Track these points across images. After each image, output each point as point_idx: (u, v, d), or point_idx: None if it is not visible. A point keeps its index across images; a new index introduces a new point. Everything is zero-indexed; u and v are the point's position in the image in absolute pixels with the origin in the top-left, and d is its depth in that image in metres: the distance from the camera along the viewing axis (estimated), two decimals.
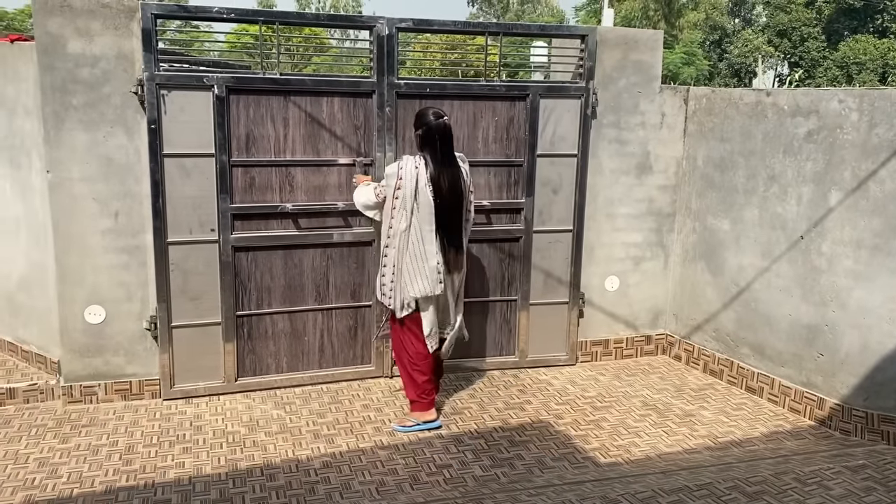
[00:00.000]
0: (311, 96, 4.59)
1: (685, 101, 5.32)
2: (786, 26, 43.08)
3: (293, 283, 4.79)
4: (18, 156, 4.62)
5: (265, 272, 4.71)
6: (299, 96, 4.57)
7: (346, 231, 4.79)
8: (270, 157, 4.58)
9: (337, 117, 4.66)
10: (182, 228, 4.48)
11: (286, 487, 3.65)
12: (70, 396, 4.54)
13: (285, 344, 4.86)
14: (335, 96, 4.63)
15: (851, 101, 4.22)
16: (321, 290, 4.85)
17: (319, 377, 4.93)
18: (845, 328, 4.32)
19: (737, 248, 4.98)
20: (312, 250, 4.78)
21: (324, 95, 4.61)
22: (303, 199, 4.69)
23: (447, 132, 4.05)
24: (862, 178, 4.17)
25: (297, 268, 4.77)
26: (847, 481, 3.60)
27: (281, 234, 4.69)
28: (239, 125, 4.48)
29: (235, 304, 4.67)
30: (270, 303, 4.76)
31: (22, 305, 4.90)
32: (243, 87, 4.44)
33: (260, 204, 4.61)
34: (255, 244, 4.64)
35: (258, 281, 4.71)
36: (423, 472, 3.82)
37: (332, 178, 4.72)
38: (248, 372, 4.81)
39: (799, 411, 4.61)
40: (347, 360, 5.01)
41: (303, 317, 4.85)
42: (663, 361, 5.57)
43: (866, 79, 37.39)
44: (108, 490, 3.61)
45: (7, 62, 4.57)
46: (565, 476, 3.79)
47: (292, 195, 4.66)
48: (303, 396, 4.76)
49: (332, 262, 4.82)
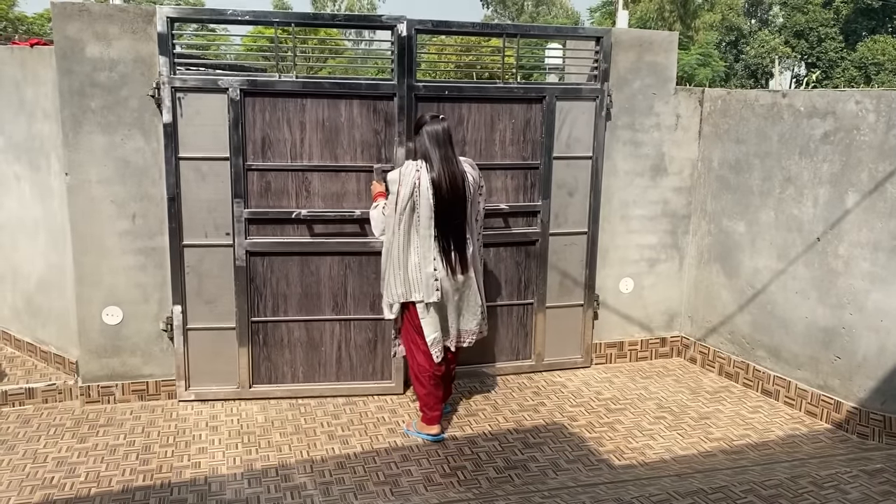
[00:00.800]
0: (329, 99, 4.52)
1: (700, 102, 5.30)
2: (803, 27, 42.80)
3: (310, 291, 4.71)
4: (37, 158, 4.68)
5: (281, 279, 4.65)
6: (316, 99, 4.51)
7: (364, 240, 4.68)
8: (286, 162, 4.54)
9: (356, 121, 4.56)
10: (198, 231, 4.50)
11: (301, 488, 3.67)
12: (88, 396, 4.59)
13: (301, 353, 4.78)
14: (354, 99, 4.54)
15: (868, 103, 4.19)
16: (339, 299, 4.76)
17: (337, 390, 4.83)
18: (862, 331, 4.28)
19: (752, 251, 4.95)
20: (329, 258, 4.69)
21: (342, 98, 4.52)
22: (319, 205, 4.62)
23: (445, 134, 3.94)
24: (879, 179, 4.14)
25: (313, 276, 4.69)
26: (864, 485, 3.57)
27: (297, 241, 4.63)
28: (255, 129, 4.46)
29: (250, 310, 4.64)
30: (286, 310, 4.70)
31: (41, 306, 4.95)
32: (259, 90, 4.42)
33: (276, 209, 4.57)
34: (270, 250, 4.60)
35: (274, 287, 4.66)
36: (437, 474, 3.82)
37: (351, 185, 4.63)
38: (264, 379, 4.77)
39: (815, 414, 4.57)
40: (367, 374, 4.88)
41: (320, 326, 4.77)
42: (678, 364, 5.54)
43: (885, 79, 37.05)
44: (125, 489, 3.65)
45: (27, 66, 4.63)
46: (579, 478, 3.79)
47: (309, 201, 4.60)
48: (317, 398, 4.78)
49: (350, 272, 4.72)
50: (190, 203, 4.46)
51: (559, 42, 4.97)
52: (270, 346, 4.74)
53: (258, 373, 4.75)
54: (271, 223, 4.60)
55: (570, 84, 5.14)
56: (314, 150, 4.56)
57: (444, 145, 3.93)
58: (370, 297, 4.76)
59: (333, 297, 4.75)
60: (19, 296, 5.09)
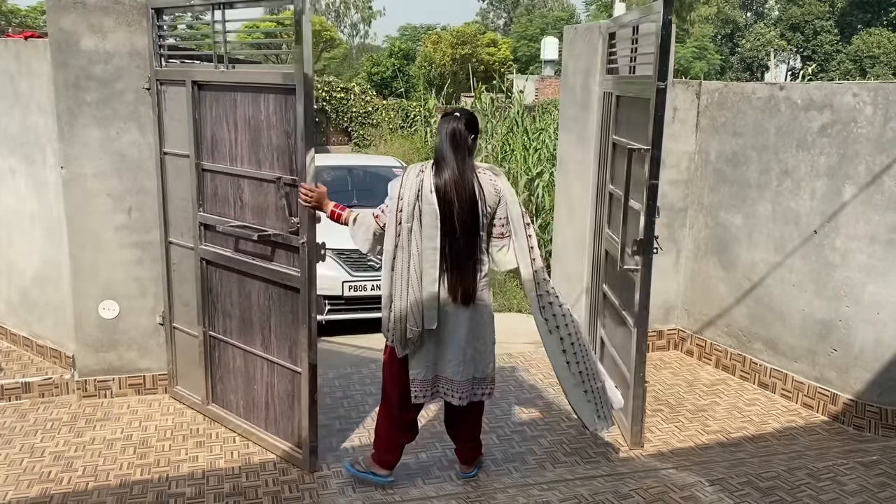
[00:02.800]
0: (253, 93, 3.73)
1: (697, 95, 5.29)
2: (798, 20, 42.81)
3: (245, 316, 4.01)
4: (32, 152, 4.66)
5: (227, 296, 4.09)
6: (244, 93, 3.77)
7: (284, 269, 3.72)
8: (226, 165, 3.94)
9: (272, 120, 3.68)
10: (177, 230, 4.34)
11: (299, 482, 3.66)
12: (84, 391, 4.58)
13: (242, 386, 4.14)
14: (270, 93, 3.65)
15: (866, 95, 4.19)
16: (265, 334, 3.93)
17: (265, 439, 4.01)
18: (859, 323, 4.30)
19: (749, 244, 4.96)
20: (258, 283, 3.89)
21: (262, 92, 3.69)
22: (249, 218, 3.89)
23: (454, 132, 3.27)
24: (876, 172, 4.15)
25: (247, 299, 3.98)
26: (861, 477, 3.59)
27: (233, 257, 3.98)
28: (206, 126, 3.99)
29: (208, 323, 4.21)
30: (231, 332, 4.11)
31: (36, 301, 4.94)
32: (207, 83, 3.93)
33: (216, 217, 4.04)
34: (217, 261, 4.08)
35: (224, 303, 4.12)
36: (434, 467, 3.83)
37: (271, 198, 3.76)
38: (218, 401, 4.30)
39: (812, 407, 4.59)
40: (287, 433, 3.92)
41: (253, 360, 4.03)
42: (675, 357, 5.56)
43: (880, 72, 37.10)
44: (122, 483, 3.65)
45: (21, 59, 4.60)
46: (577, 471, 3.79)
47: (241, 213, 3.92)
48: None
49: (272, 304, 3.85)
50: (173, 200, 4.32)
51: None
52: (222, 368, 4.24)
53: (214, 392, 4.32)
54: (217, 232, 4.06)
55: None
56: (244, 153, 3.86)
57: (450, 144, 3.27)
58: (288, 341, 3.81)
59: (262, 329, 3.95)
60: (15, 290, 5.07)
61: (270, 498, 3.51)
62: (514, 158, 12.44)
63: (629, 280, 4.04)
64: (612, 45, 4.75)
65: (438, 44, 37.27)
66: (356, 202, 7.85)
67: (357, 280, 6.51)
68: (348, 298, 6.51)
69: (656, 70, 3.58)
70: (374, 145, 22.03)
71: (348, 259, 6.59)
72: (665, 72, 3.58)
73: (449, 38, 37.71)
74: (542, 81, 28.85)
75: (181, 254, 4.38)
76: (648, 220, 3.76)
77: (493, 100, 15.91)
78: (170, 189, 4.35)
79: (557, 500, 3.42)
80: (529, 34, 46.56)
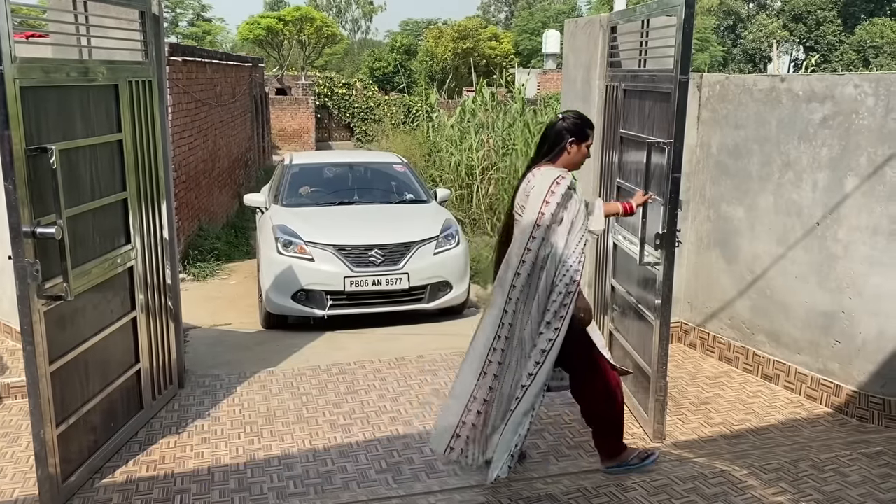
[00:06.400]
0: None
1: (699, 87, 5.28)
2: (801, 10, 42.64)
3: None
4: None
5: None
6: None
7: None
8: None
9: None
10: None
11: (304, 476, 3.68)
12: None
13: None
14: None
15: (867, 86, 4.18)
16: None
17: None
18: (862, 315, 4.29)
19: (751, 236, 4.96)
20: None
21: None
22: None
23: (544, 133, 3.52)
24: (878, 163, 4.14)
25: None
26: (864, 468, 3.60)
27: None
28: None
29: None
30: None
31: None
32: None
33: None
34: None
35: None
36: (438, 461, 3.83)
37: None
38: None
39: (815, 398, 4.59)
40: None
41: None
42: (678, 349, 5.55)
43: (883, 63, 36.96)
44: (128, 480, 3.67)
45: None
46: (580, 464, 3.80)
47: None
48: (318, 387, 4.80)
49: None
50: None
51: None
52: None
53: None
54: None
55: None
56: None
57: (537, 146, 3.55)
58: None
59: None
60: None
61: (275, 492, 3.52)
62: (516, 153, 12.43)
63: (645, 273, 4.04)
64: (614, 39, 4.75)
65: (440, 38, 37.26)
66: (357, 198, 7.92)
67: (358, 275, 6.52)
68: (350, 294, 6.51)
69: (678, 63, 3.57)
70: (377, 140, 22.04)
71: (349, 255, 6.59)
72: (687, 65, 3.57)
73: (450, 32, 37.70)
74: (544, 75, 28.82)
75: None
76: (671, 213, 3.74)
77: (493, 94, 15.87)
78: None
79: (561, 493, 3.43)
80: (531, 28, 46.49)
